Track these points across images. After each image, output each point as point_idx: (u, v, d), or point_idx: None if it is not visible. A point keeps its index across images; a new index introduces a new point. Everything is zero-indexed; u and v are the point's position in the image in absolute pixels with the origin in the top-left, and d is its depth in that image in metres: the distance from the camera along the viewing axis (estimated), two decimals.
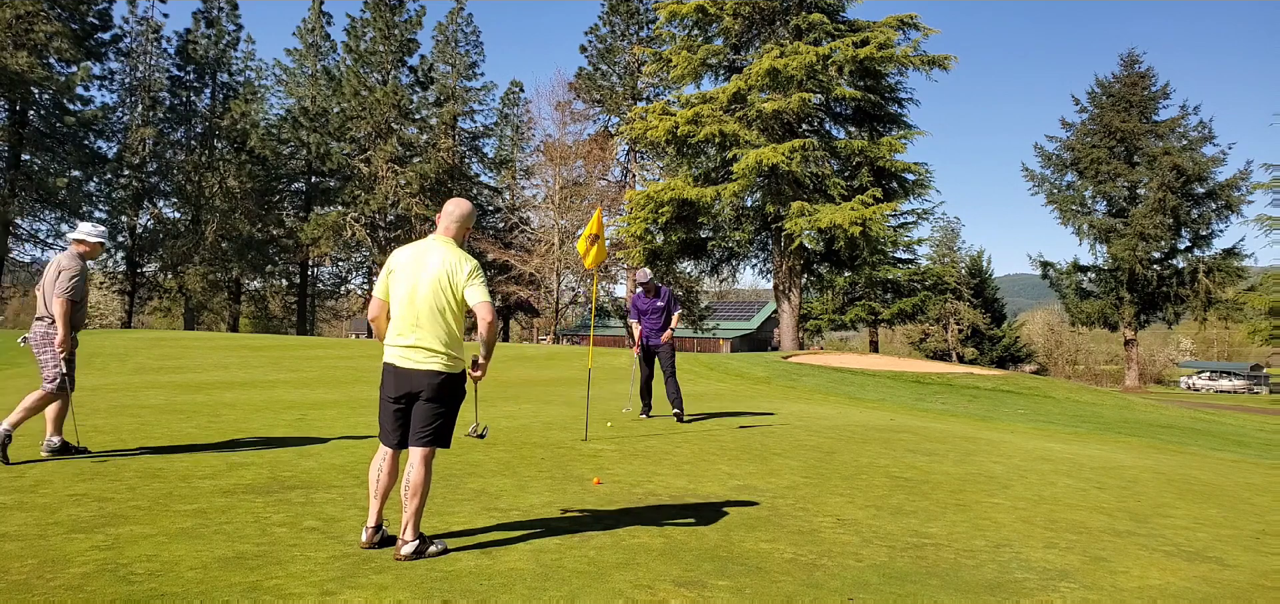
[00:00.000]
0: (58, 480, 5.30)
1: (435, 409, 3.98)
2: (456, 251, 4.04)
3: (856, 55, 26.83)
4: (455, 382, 4.04)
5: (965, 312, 57.66)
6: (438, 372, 3.95)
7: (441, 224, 4.15)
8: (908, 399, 14.85)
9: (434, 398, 3.96)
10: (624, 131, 38.58)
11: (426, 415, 3.98)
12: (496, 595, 3.52)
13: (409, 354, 3.95)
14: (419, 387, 3.96)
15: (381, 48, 50.25)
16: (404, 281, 3.98)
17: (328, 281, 56.46)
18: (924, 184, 29.33)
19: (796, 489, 5.94)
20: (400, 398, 4.00)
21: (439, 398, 3.98)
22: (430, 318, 3.93)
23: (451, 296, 3.95)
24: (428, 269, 3.96)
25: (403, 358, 3.96)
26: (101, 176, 43.23)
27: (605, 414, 9.53)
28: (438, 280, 3.94)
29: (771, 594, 3.70)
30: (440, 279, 3.94)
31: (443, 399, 3.99)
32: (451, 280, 3.94)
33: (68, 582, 3.46)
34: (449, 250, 4.02)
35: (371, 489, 4.06)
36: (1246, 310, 45.89)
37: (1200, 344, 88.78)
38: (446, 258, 3.98)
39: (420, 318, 3.94)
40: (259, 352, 19.12)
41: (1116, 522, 5.47)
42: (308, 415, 8.68)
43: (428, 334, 3.93)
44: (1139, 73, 52.62)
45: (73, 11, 39.59)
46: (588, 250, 8.01)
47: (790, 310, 29.46)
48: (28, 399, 5.88)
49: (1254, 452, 10.80)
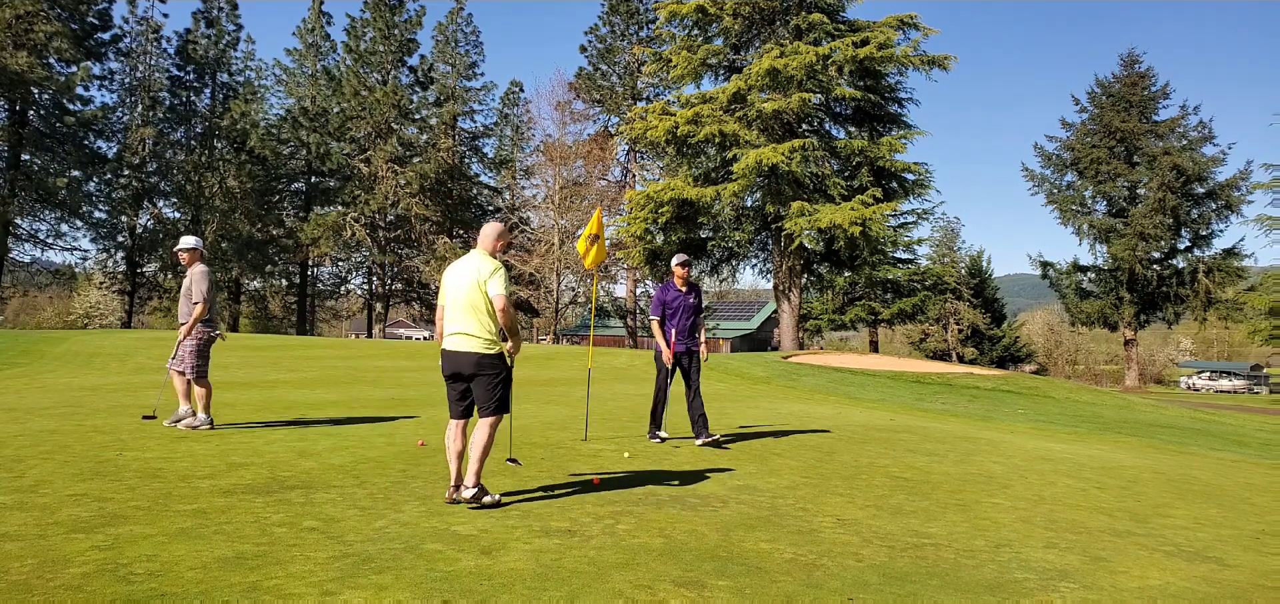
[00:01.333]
0: (58, 480, 5.30)
1: (488, 383, 5.00)
2: (487, 259, 5.06)
3: (856, 55, 26.82)
4: (493, 360, 5.02)
5: (965, 311, 57.65)
6: (475, 353, 4.98)
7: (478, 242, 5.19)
8: (908, 399, 14.85)
9: (481, 373, 4.99)
10: (624, 131, 38.58)
11: (484, 389, 5.01)
12: (496, 595, 3.52)
13: (454, 340, 5.02)
14: (464, 366, 5.00)
15: (381, 48, 50.24)
16: (450, 287, 5.10)
17: (327, 282, 56.47)
18: (924, 184, 29.32)
19: (796, 489, 5.94)
20: (453, 376, 5.08)
21: (485, 372, 4.99)
22: (468, 312, 4.98)
23: (482, 294, 4.97)
24: (466, 275, 5.03)
25: (451, 343, 5.04)
26: (101, 176, 43.22)
27: (605, 414, 9.53)
28: (471, 282, 4.99)
29: (771, 594, 3.70)
30: (473, 281, 4.99)
31: (488, 373, 4.99)
32: (480, 281, 4.97)
33: (68, 582, 3.46)
34: (481, 259, 5.07)
35: (448, 454, 5.09)
36: (1246, 310, 45.88)
37: (1200, 344, 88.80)
38: (478, 265, 5.03)
39: (462, 313, 4.99)
40: (259, 352, 19.13)
41: (1116, 522, 5.47)
42: (308, 416, 8.68)
43: (467, 324, 4.98)
44: (1139, 73, 52.61)
45: (73, 11, 39.58)
46: (588, 250, 8.00)
47: (790, 310, 29.46)
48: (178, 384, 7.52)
49: (1254, 452, 10.80)
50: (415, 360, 18.39)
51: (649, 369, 18.25)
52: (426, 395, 11.05)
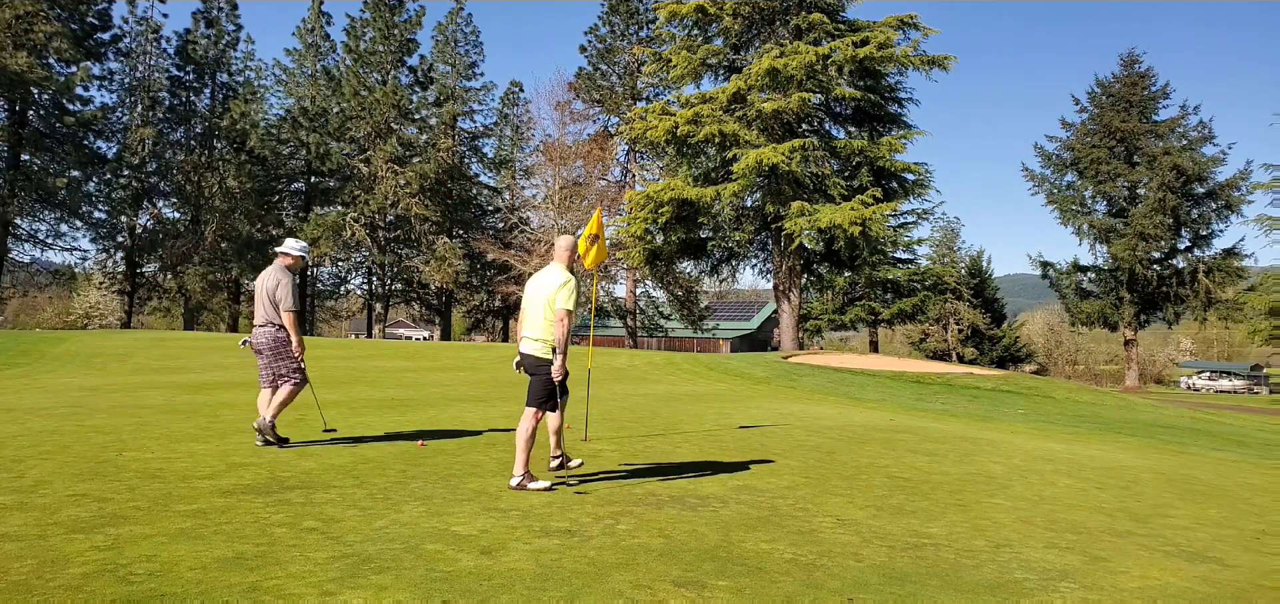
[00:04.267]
0: (58, 480, 5.30)
1: (540, 382, 5.53)
2: (562, 272, 5.62)
3: (856, 55, 26.82)
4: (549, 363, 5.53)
5: (965, 311, 57.65)
6: (538, 355, 5.57)
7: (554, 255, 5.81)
8: (908, 399, 14.85)
9: (538, 373, 5.55)
10: (624, 131, 38.57)
11: (535, 386, 5.55)
12: (496, 595, 3.52)
13: (526, 343, 5.64)
14: (529, 365, 5.63)
15: (381, 48, 50.21)
16: (530, 294, 5.68)
17: (327, 282, 56.45)
18: (924, 184, 29.33)
19: (796, 489, 5.94)
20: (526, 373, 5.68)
21: (541, 372, 5.55)
22: (539, 318, 5.56)
23: (552, 304, 5.53)
24: (545, 285, 5.60)
25: (523, 345, 5.66)
26: (101, 176, 43.20)
27: (605, 414, 9.53)
28: (548, 292, 5.55)
29: (771, 594, 3.69)
30: (550, 292, 5.54)
31: (544, 374, 5.54)
32: (553, 293, 5.52)
33: (68, 582, 3.46)
34: (558, 272, 5.64)
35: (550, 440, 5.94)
36: (1246, 310, 45.88)
37: (1200, 344, 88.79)
38: (555, 277, 5.60)
39: (535, 318, 5.60)
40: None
41: (1116, 522, 5.47)
42: (307, 416, 8.67)
43: (538, 329, 5.57)
44: (1139, 73, 52.60)
45: (72, 11, 39.57)
46: (588, 250, 8.00)
47: (790, 310, 29.46)
48: (280, 395, 6.75)
49: (1254, 452, 10.80)
50: (415, 361, 18.38)
51: (649, 369, 18.24)
52: (426, 396, 11.04)
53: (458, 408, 9.90)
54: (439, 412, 9.47)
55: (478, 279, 55.08)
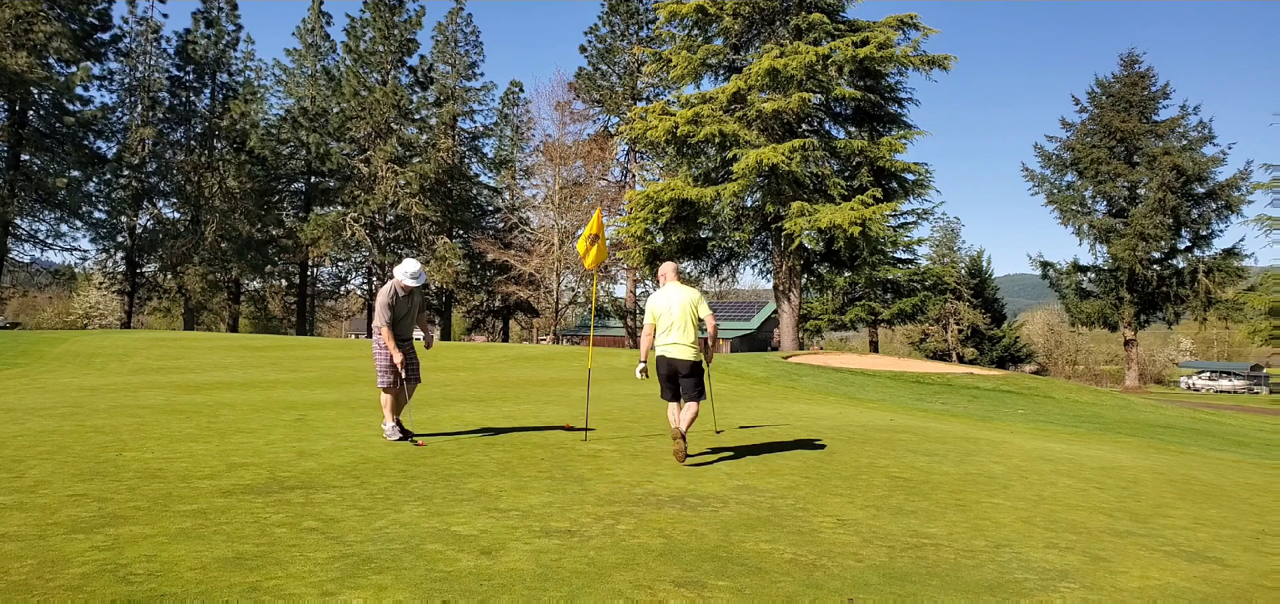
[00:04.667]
0: (58, 480, 5.30)
1: (695, 380, 6.67)
2: (690, 289, 6.79)
3: (856, 55, 26.82)
4: (697, 365, 6.68)
5: (965, 312, 57.67)
6: (689, 359, 6.63)
7: (668, 278, 6.93)
8: (908, 399, 14.85)
9: (691, 373, 6.65)
10: (624, 131, 38.56)
11: (692, 384, 6.67)
12: (496, 596, 3.52)
13: (672, 348, 6.64)
14: (681, 368, 6.64)
15: (381, 48, 50.23)
16: (665, 310, 6.69)
17: (327, 282, 56.48)
18: (924, 184, 29.32)
19: (796, 489, 5.94)
20: (670, 375, 6.69)
21: (694, 373, 6.66)
22: (683, 327, 6.63)
23: (695, 315, 6.67)
24: (682, 300, 6.68)
25: (668, 351, 6.65)
26: (101, 176, 43.23)
27: (605, 414, 9.52)
28: (686, 306, 6.66)
29: (771, 594, 3.69)
30: (687, 306, 6.66)
31: (696, 373, 6.67)
32: (694, 304, 6.68)
33: (68, 582, 3.46)
34: (686, 289, 6.77)
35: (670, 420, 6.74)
36: (1246, 310, 45.88)
37: (1200, 344, 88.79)
38: (688, 293, 6.74)
39: (680, 329, 6.63)
40: (259, 352, 19.12)
41: (1116, 522, 5.47)
42: (307, 416, 8.67)
43: (685, 337, 6.63)
44: (1139, 73, 52.61)
45: (72, 11, 39.59)
46: (588, 250, 8.00)
47: (790, 310, 29.45)
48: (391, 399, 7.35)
49: (1254, 452, 10.80)
50: None
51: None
52: (425, 396, 11.04)
53: (458, 408, 9.90)
54: (439, 412, 9.47)
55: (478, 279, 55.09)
